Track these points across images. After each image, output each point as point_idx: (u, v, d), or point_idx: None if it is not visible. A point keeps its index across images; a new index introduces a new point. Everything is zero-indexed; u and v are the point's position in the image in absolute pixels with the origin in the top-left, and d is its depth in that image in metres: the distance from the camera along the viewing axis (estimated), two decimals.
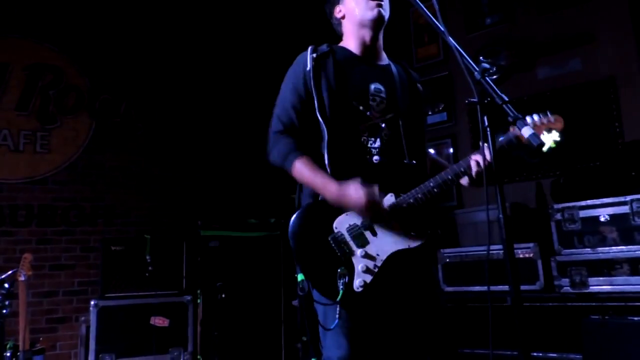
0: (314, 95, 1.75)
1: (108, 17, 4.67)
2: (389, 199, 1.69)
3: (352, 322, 1.65)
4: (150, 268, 3.85)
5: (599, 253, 3.02)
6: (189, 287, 3.94)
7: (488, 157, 1.47)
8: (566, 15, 4.00)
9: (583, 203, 3.15)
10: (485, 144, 1.51)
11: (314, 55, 1.80)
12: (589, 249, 3.08)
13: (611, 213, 3.03)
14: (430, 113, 4.64)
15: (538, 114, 1.57)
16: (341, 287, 1.59)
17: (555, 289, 3.15)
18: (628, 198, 2.98)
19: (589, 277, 3.02)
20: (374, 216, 1.66)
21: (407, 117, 1.84)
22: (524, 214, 3.81)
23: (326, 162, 1.72)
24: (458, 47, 1.35)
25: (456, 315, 3.36)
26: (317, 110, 1.73)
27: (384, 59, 1.95)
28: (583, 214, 3.13)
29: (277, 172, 1.84)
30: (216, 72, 5.11)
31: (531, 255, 3.29)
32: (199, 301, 3.90)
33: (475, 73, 1.32)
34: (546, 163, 3.96)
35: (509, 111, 1.24)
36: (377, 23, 1.84)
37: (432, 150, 1.94)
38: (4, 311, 2.83)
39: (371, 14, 1.82)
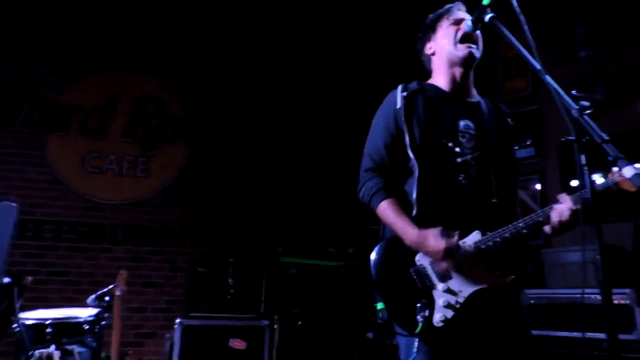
0: (405, 132, 1.77)
1: (204, 53, 5.03)
2: (474, 236, 1.66)
3: (431, 357, 1.62)
4: (232, 291, 3.96)
5: None
6: (267, 311, 4.01)
7: (572, 206, 1.48)
8: None
9: None
10: (564, 195, 1.56)
11: (404, 93, 1.83)
12: None
13: None
14: (516, 147, 4.50)
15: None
16: (420, 320, 1.59)
17: None
18: None
19: None
20: (451, 264, 1.64)
21: (497, 154, 1.82)
22: (618, 257, 3.55)
23: (414, 198, 1.73)
24: (555, 84, 1.34)
25: None
26: (408, 147, 1.75)
27: (474, 96, 1.94)
28: None
29: (357, 203, 1.89)
30: (301, 104, 5.28)
31: (628, 302, 3.06)
32: (275, 326, 3.95)
33: (573, 110, 1.29)
34: None
35: (609, 150, 1.20)
36: (467, 62, 1.85)
37: (523, 192, 1.89)
38: (103, 322, 3.03)
39: (462, 52, 1.83)
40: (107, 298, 3.06)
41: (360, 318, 4.14)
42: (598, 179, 1.56)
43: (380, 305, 1.67)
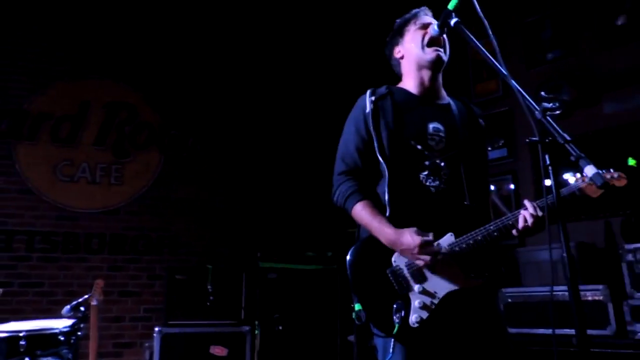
0: (374, 136, 1.80)
1: (178, 58, 4.99)
2: (448, 239, 1.69)
3: (407, 357, 1.65)
4: (211, 297, 3.95)
5: None
6: (248, 317, 4.01)
7: (535, 213, 1.57)
8: (632, 49, 3.89)
9: None
10: (530, 202, 1.63)
11: (373, 98, 1.86)
12: None
13: None
14: (489, 149, 4.58)
15: (601, 169, 1.52)
16: (397, 321, 1.61)
17: (629, 334, 2.97)
18: None
19: None
20: (427, 263, 1.66)
21: (468, 156, 1.85)
22: (591, 254, 3.64)
23: (386, 200, 1.75)
24: (519, 87, 1.38)
25: (518, 359, 3.23)
26: (377, 151, 1.79)
27: (444, 98, 1.97)
28: None
29: (334, 207, 1.90)
30: (276, 110, 5.29)
31: (601, 297, 3.13)
32: (256, 332, 3.95)
33: (536, 112, 1.33)
34: (615, 201, 3.79)
35: (571, 150, 1.24)
36: (435, 65, 1.89)
37: (493, 188, 1.92)
38: (79, 333, 2.99)
39: (430, 56, 1.87)
40: (82, 308, 3.02)
41: (340, 321, 4.16)
42: (570, 177, 1.62)
43: (357, 306, 1.68)
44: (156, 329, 3.75)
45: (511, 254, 3.89)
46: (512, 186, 4.44)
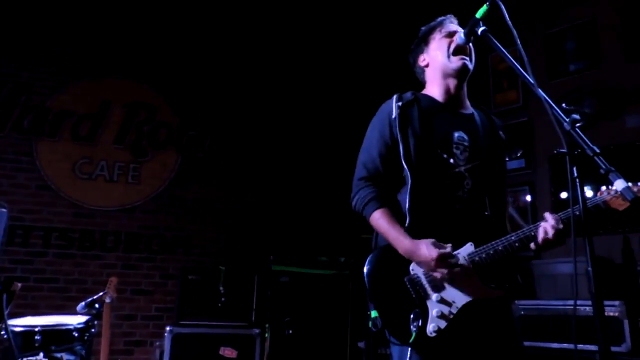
0: (400, 142, 1.77)
1: (198, 61, 5.03)
2: (468, 248, 1.68)
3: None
4: (222, 299, 3.96)
5: None
6: (258, 320, 4.01)
7: (556, 226, 1.55)
8: None
9: None
10: (551, 215, 1.60)
11: (399, 103, 1.83)
12: None
13: None
14: (507, 159, 4.54)
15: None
16: (414, 329, 1.59)
17: None
18: None
19: None
20: (444, 275, 1.64)
21: (490, 167, 1.84)
22: (608, 269, 3.59)
23: (407, 208, 1.73)
24: (547, 97, 1.36)
25: None
26: (402, 157, 1.76)
27: (468, 107, 1.95)
28: None
29: (349, 212, 1.89)
30: (294, 112, 5.30)
31: (617, 314, 3.08)
32: (266, 335, 3.94)
33: (565, 124, 1.31)
34: (635, 216, 3.73)
35: (600, 163, 1.22)
36: (461, 73, 1.87)
37: (511, 207, 1.90)
38: (93, 330, 3.00)
39: (456, 64, 1.85)
40: (97, 305, 3.03)
41: (351, 327, 4.13)
42: (588, 192, 1.60)
43: (374, 314, 1.66)
44: (167, 328, 3.76)
45: (526, 266, 3.85)
46: (529, 198, 4.39)
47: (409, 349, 1.61)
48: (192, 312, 3.89)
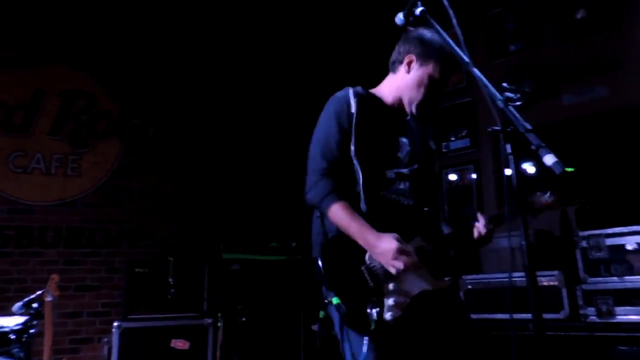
0: (354, 137, 1.78)
1: (138, 45, 4.84)
2: (417, 242, 1.77)
3: (379, 354, 1.64)
4: (172, 290, 3.89)
5: (626, 282, 2.95)
6: (210, 310, 3.96)
7: (487, 226, 1.76)
8: (591, 42, 4.00)
9: (609, 231, 3.09)
10: (482, 215, 1.80)
11: (356, 99, 1.84)
12: (615, 278, 3.01)
13: (639, 241, 2.97)
14: (453, 139, 4.65)
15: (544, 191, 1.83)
16: (374, 318, 1.61)
17: (581, 318, 3.08)
18: None
19: (615, 306, 2.94)
20: (397, 270, 1.67)
21: (426, 170, 1.96)
22: (548, 241, 3.75)
23: (362, 202, 1.75)
24: (482, 76, 1.38)
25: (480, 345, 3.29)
26: (354, 152, 1.77)
27: (407, 115, 2.00)
28: (609, 241, 3.08)
29: (298, 197, 1.87)
30: (240, 99, 5.22)
31: (556, 283, 3.24)
32: (219, 324, 3.91)
33: (498, 102, 1.34)
34: (571, 190, 3.90)
35: (531, 140, 1.25)
36: (431, 98, 1.93)
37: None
38: (32, 331, 2.88)
39: (418, 94, 1.91)
40: (35, 305, 2.91)
41: (304, 311, 4.16)
42: (530, 167, 1.69)
43: (335, 300, 1.63)
44: (115, 323, 3.66)
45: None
46: (474, 176, 4.51)
47: (366, 337, 1.62)
48: (141, 305, 3.80)
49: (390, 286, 1.68)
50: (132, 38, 4.82)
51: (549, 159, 1.18)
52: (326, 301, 1.66)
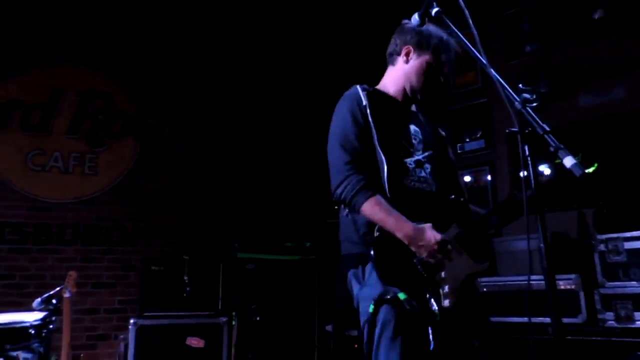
0: (373, 128, 1.80)
1: (155, 46, 4.89)
2: (454, 229, 1.79)
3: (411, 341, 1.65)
4: (187, 289, 3.91)
5: None
6: (225, 308, 3.98)
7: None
8: (609, 42, 3.95)
9: (628, 234, 3.05)
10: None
11: (365, 93, 1.87)
12: (634, 282, 2.97)
13: None
14: (468, 140, 4.62)
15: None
16: (434, 307, 1.64)
17: (599, 322, 3.04)
18: None
19: (634, 311, 2.90)
20: (438, 261, 1.70)
21: (441, 156, 1.97)
22: (565, 244, 3.71)
23: (387, 193, 1.75)
24: (499, 77, 1.38)
25: (494, 346, 3.27)
26: (377, 141, 1.79)
27: (414, 107, 2.07)
28: (628, 245, 3.03)
29: (313, 197, 1.89)
30: (254, 99, 5.24)
31: (573, 287, 3.20)
32: (233, 323, 3.93)
33: (516, 103, 1.33)
34: (589, 192, 3.86)
35: (550, 141, 1.24)
36: (434, 90, 1.97)
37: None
38: (51, 326, 2.91)
39: (418, 84, 1.95)
40: (54, 301, 2.95)
41: (318, 311, 4.16)
42: (546, 169, 1.67)
43: (402, 295, 1.61)
44: (131, 320, 3.69)
45: (490, 244, 3.94)
46: (489, 177, 4.48)
47: (430, 327, 1.61)
48: (157, 303, 3.83)
49: (443, 274, 1.71)
50: (149, 38, 4.87)
51: (569, 161, 1.17)
52: (387, 297, 1.62)
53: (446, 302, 1.68)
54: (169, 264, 3.96)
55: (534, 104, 4.13)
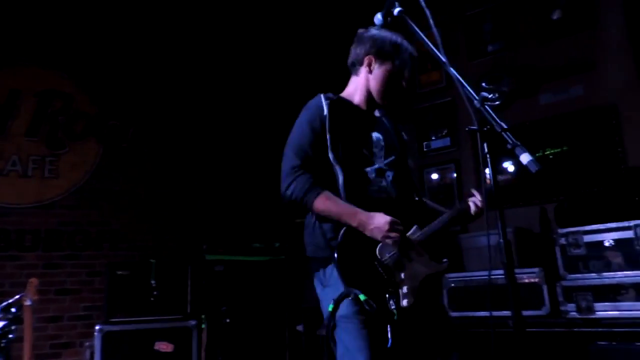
0: (329, 138, 1.87)
1: (117, 45, 4.78)
2: (414, 230, 1.88)
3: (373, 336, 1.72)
4: (155, 292, 3.84)
5: (604, 278, 3.01)
6: (194, 311, 3.93)
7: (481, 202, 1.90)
8: (567, 43, 4.07)
9: (587, 228, 3.15)
10: (476, 190, 1.95)
11: (327, 101, 1.94)
12: (594, 274, 3.07)
13: (616, 238, 3.03)
14: (433, 138, 4.69)
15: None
16: (393, 307, 1.72)
17: (562, 314, 3.13)
18: (632, 223, 2.99)
19: (595, 302, 3.00)
20: (401, 243, 1.79)
21: (403, 161, 2.07)
22: (528, 238, 3.80)
23: (344, 199, 1.82)
24: (458, 76, 1.40)
25: (460, 341, 3.33)
26: (330, 153, 1.86)
27: (377, 112, 2.15)
28: (587, 238, 3.13)
29: (281, 197, 1.88)
30: (220, 98, 5.19)
31: (536, 280, 3.28)
32: (203, 326, 3.88)
33: (475, 101, 1.36)
34: (549, 188, 3.97)
35: (507, 138, 1.27)
36: (392, 95, 2.07)
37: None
38: (10, 336, 2.81)
39: (379, 90, 2.04)
40: (13, 309, 2.85)
41: (289, 311, 4.15)
42: (510, 166, 1.72)
43: (362, 297, 1.67)
44: (97, 327, 3.60)
45: (454, 241, 4.00)
46: (454, 175, 4.56)
47: (389, 326, 1.68)
48: (123, 308, 3.75)
49: (402, 275, 1.79)
50: (110, 38, 4.75)
51: (525, 158, 1.20)
52: (350, 297, 1.68)
53: (404, 302, 1.77)
54: (135, 268, 3.88)
55: (497, 103, 4.22)
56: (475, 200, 1.94)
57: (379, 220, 1.75)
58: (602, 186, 3.72)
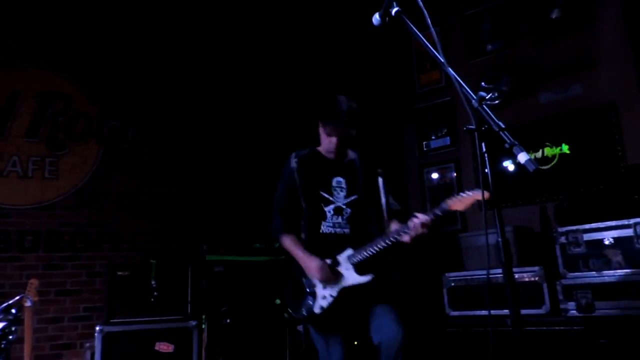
0: (298, 186, 2.51)
1: (117, 46, 4.77)
2: (347, 252, 2.40)
3: (322, 333, 2.39)
4: (155, 293, 3.84)
5: (604, 276, 3.02)
6: (194, 312, 3.93)
7: (427, 219, 2.20)
8: (566, 42, 4.07)
9: (587, 226, 3.15)
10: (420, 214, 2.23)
11: (297, 159, 2.57)
12: (594, 272, 3.07)
13: (615, 236, 3.04)
14: (433, 137, 4.69)
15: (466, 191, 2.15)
16: (305, 311, 2.39)
17: (562, 312, 3.13)
18: (632, 221, 2.99)
19: (595, 300, 3.00)
20: (324, 277, 2.37)
21: (366, 198, 2.50)
22: (528, 237, 3.80)
23: (303, 233, 2.51)
24: (457, 76, 1.40)
25: (460, 340, 3.33)
26: (301, 196, 2.51)
27: (349, 156, 2.61)
28: (587, 237, 3.14)
29: None
30: (221, 98, 5.18)
31: (536, 278, 3.28)
32: (203, 326, 3.88)
33: (473, 101, 1.36)
34: (549, 186, 3.97)
35: (505, 138, 1.27)
36: (337, 148, 2.50)
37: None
38: (11, 337, 2.82)
39: (330, 146, 2.51)
40: (14, 310, 2.86)
41: (289, 311, 4.14)
42: (510, 165, 1.70)
43: (277, 301, 2.07)
44: (97, 327, 3.60)
45: (454, 240, 4.01)
46: (454, 174, 4.56)
47: (308, 324, 2.44)
48: (124, 309, 3.75)
49: (320, 287, 2.39)
50: (110, 39, 4.75)
51: (522, 157, 1.20)
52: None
53: (317, 309, 2.36)
54: (135, 269, 3.88)
55: (496, 102, 4.22)
56: (415, 226, 2.20)
57: (311, 265, 2.37)
58: (602, 185, 3.73)
